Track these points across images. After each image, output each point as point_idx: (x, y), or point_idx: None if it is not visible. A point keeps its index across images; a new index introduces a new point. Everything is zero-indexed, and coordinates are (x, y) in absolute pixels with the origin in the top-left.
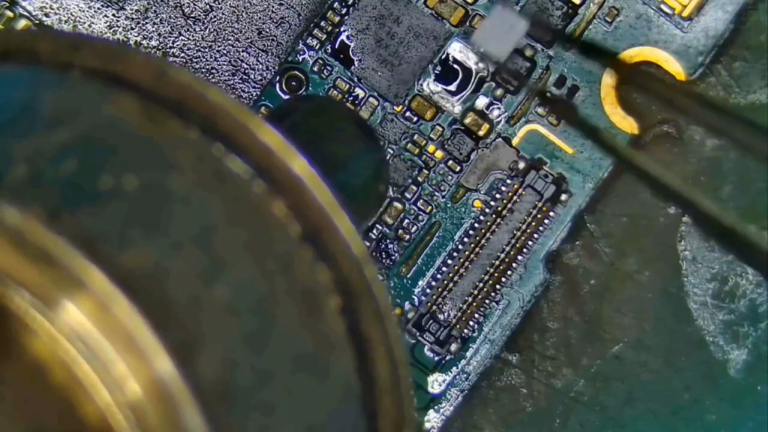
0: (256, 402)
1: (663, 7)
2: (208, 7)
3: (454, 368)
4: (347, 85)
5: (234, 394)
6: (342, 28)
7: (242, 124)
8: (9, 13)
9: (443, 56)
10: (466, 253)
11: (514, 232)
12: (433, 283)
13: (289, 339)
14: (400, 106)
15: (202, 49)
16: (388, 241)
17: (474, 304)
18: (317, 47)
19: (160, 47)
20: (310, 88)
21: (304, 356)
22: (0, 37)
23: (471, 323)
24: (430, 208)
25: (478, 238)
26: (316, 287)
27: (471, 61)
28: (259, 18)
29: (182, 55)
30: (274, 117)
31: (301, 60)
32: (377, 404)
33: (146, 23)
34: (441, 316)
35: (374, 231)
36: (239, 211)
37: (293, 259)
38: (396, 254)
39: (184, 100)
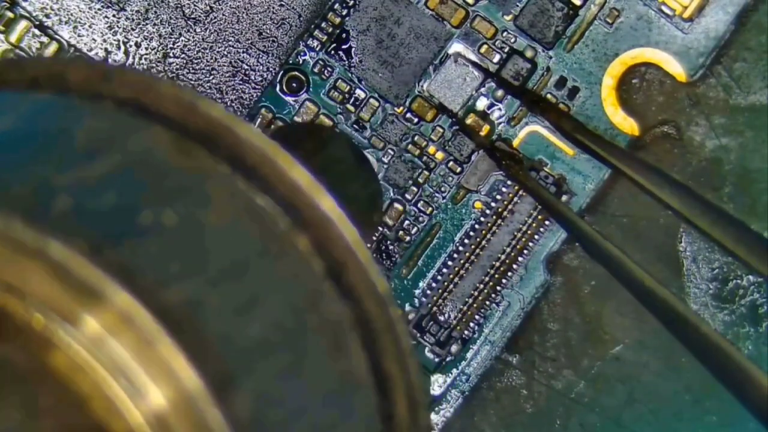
0: None
1: (664, 8)
2: (208, 8)
3: (455, 370)
4: (348, 86)
5: (267, 430)
6: (344, 29)
7: (271, 160)
8: (9, 14)
9: (443, 57)
10: (467, 254)
11: (515, 233)
12: (434, 285)
13: (318, 376)
14: (401, 108)
15: (202, 50)
16: (388, 242)
17: (474, 305)
18: (318, 48)
19: (160, 48)
20: (311, 90)
21: (332, 393)
22: (30, 64)
23: (471, 324)
24: (430, 209)
25: (478, 239)
26: (342, 324)
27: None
28: (260, 19)
29: (182, 56)
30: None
31: (301, 61)
32: None
33: (146, 24)
34: (441, 318)
35: (375, 232)
36: (270, 247)
37: (320, 295)
38: (396, 255)
39: (212, 134)
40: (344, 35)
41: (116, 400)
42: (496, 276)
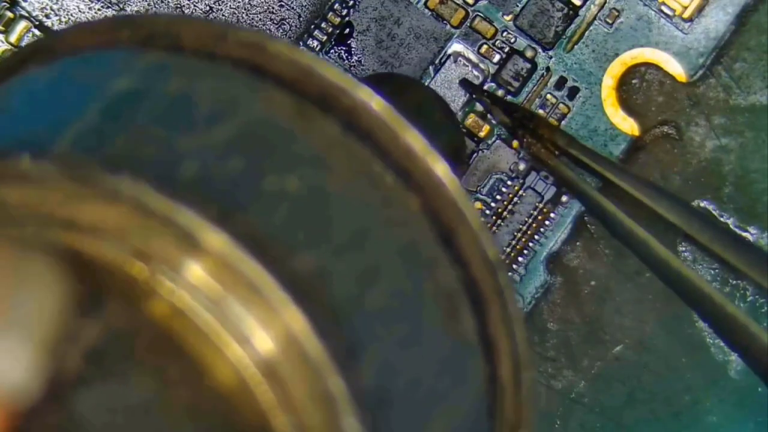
0: (408, 407)
1: (664, 8)
2: (208, 8)
3: None
4: None
5: (390, 399)
6: (344, 29)
7: (386, 124)
8: (9, 14)
9: (443, 58)
10: None
11: (515, 233)
12: None
13: (435, 343)
14: None
15: None
16: None
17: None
18: (318, 49)
19: None
20: None
21: (447, 360)
22: (143, 22)
23: None
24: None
25: None
26: (455, 290)
27: (471, 62)
28: (260, 19)
29: None
30: None
31: None
32: (497, 404)
33: None
34: None
35: None
36: (387, 212)
37: (436, 261)
38: None
39: (328, 96)
40: (344, 35)
41: (244, 371)
42: None
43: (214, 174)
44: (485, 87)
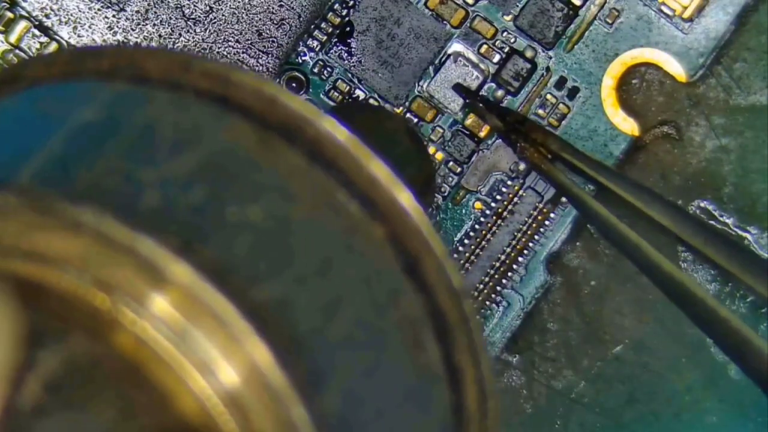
0: None
1: (663, 8)
2: (208, 8)
3: None
4: (348, 87)
5: (353, 428)
6: (345, 29)
7: (350, 153)
8: (9, 14)
9: (443, 58)
10: (467, 254)
11: (515, 233)
12: None
13: (399, 372)
14: (401, 108)
15: (202, 51)
16: None
17: (474, 305)
18: (317, 49)
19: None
20: (311, 90)
21: (411, 388)
22: (108, 53)
23: None
24: (430, 209)
25: (478, 239)
26: (420, 319)
27: (471, 62)
28: (260, 19)
29: None
30: None
31: (301, 62)
32: None
33: (146, 24)
34: None
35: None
36: (351, 242)
37: (399, 290)
38: None
39: (292, 126)
40: (345, 35)
41: (207, 401)
42: (496, 276)
43: (176, 204)
44: (481, 91)
